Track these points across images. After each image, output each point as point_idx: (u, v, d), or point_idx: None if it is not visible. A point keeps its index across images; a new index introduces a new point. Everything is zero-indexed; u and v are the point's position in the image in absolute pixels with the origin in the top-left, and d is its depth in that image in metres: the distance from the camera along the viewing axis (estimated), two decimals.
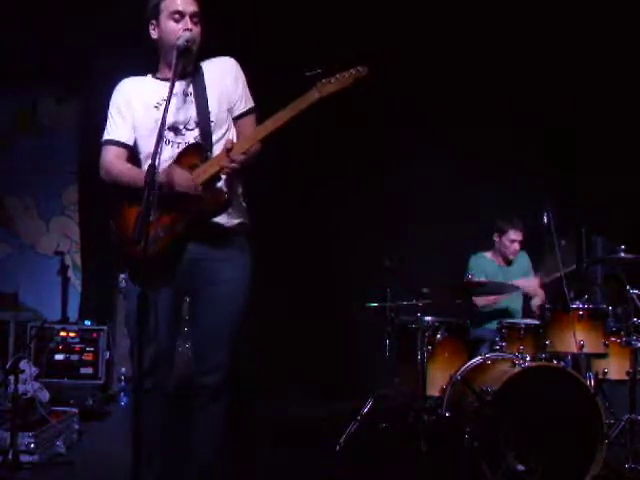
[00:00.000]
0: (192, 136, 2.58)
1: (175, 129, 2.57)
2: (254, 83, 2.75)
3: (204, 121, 2.57)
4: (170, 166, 2.49)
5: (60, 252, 6.13)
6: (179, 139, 2.58)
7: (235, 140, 2.59)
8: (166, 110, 2.32)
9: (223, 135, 2.62)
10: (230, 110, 2.66)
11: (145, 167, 2.58)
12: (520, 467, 3.25)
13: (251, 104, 2.71)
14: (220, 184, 2.53)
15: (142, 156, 2.67)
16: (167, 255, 2.47)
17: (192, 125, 2.58)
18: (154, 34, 2.61)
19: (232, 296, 2.58)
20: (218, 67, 2.68)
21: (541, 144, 5.54)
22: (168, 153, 2.53)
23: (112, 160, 2.64)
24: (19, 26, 5.45)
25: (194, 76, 2.62)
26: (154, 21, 2.59)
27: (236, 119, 2.67)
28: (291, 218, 5.70)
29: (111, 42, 5.36)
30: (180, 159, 2.53)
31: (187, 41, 2.46)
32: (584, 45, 5.32)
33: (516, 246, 4.78)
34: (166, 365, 2.55)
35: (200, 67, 2.66)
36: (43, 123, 6.43)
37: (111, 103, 2.69)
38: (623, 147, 5.40)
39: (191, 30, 2.53)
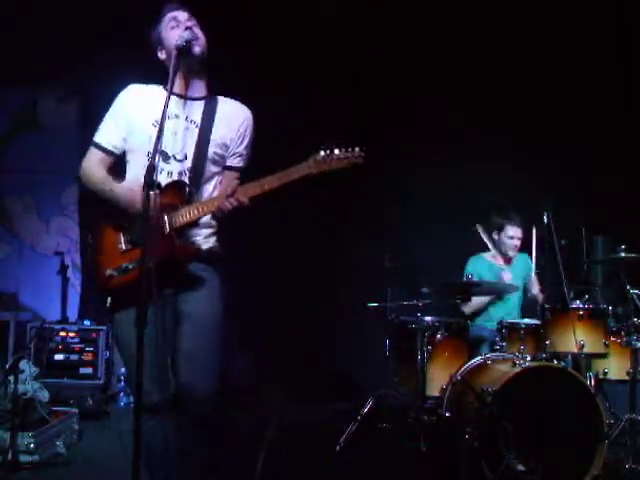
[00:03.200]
0: (177, 168, 2.51)
1: (164, 154, 2.49)
2: None
3: (200, 156, 2.51)
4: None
5: (60, 252, 6.13)
6: (164, 166, 2.49)
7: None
8: (163, 119, 2.27)
9: (212, 176, 2.57)
10: (225, 157, 2.61)
11: (127, 188, 2.54)
12: (520, 467, 3.25)
13: (244, 165, 2.65)
14: (196, 230, 2.50)
15: (128, 174, 2.59)
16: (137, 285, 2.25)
17: (181, 156, 2.51)
18: (162, 55, 2.60)
19: (204, 316, 2.52)
20: (234, 110, 2.63)
21: (541, 144, 5.54)
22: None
23: (91, 163, 2.62)
24: (19, 26, 5.45)
25: (206, 104, 2.57)
26: (160, 45, 2.59)
27: (223, 168, 2.62)
28: (291, 218, 5.70)
29: (111, 42, 5.37)
30: (167, 193, 2.42)
31: (186, 41, 2.42)
32: (583, 44, 5.32)
33: (515, 242, 4.75)
34: (163, 383, 2.50)
35: (216, 99, 2.61)
36: (43, 123, 6.44)
37: (113, 104, 2.64)
38: (623, 147, 5.40)
39: (190, 29, 2.50)
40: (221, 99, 2.64)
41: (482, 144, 5.55)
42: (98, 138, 2.64)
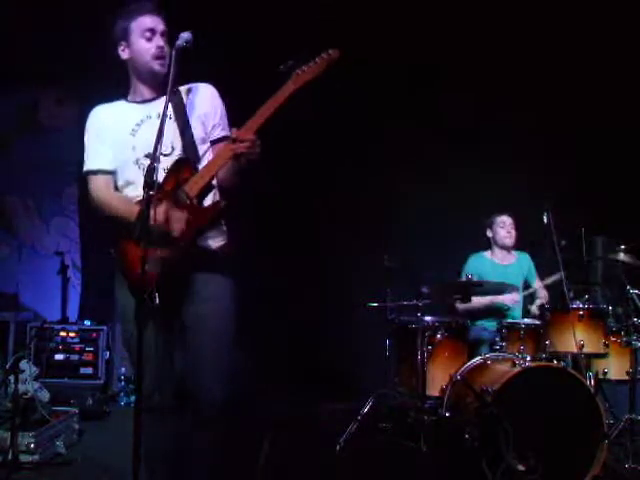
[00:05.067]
0: (167, 163, 2.46)
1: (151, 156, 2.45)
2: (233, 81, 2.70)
3: (189, 144, 2.50)
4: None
5: (60, 252, 6.13)
6: (156, 165, 2.41)
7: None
8: (163, 122, 2.26)
9: (204, 155, 2.55)
10: (206, 136, 2.60)
11: (123, 193, 2.56)
12: (520, 467, 3.25)
13: (227, 133, 2.59)
14: (212, 195, 2.49)
15: (119, 184, 2.57)
16: (163, 280, 2.33)
17: (169, 150, 2.48)
18: (124, 54, 2.56)
19: (216, 315, 2.50)
20: (198, 92, 2.61)
21: (542, 144, 5.54)
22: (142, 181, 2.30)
23: (101, 189, 2.57)
24: (20, 26, 5.45)
25: (172, 98, 2.52)
26: (124, 42, 2.55)
27: (211, 144, 2.61)
28: (291, 218, 5.70)
29: (111, 42, 5.36)
30: (169, 177, 2.42)
31: (186, 42, 2.38)
32: (584, 46, 5.32)
33: (509, 229, 4.77)
34: (166, 383, 2.49)
35: (178, 91, 2.58)
36: (43, 123, 6.44)
37: (87, 130, 2.63)
38: (624, 147, 5.40)
39: (163, 47, 2.50)
40: (181, 88, 2.61)
41: (482, 144, 5.55)
42: (93, 165, 2.59)
